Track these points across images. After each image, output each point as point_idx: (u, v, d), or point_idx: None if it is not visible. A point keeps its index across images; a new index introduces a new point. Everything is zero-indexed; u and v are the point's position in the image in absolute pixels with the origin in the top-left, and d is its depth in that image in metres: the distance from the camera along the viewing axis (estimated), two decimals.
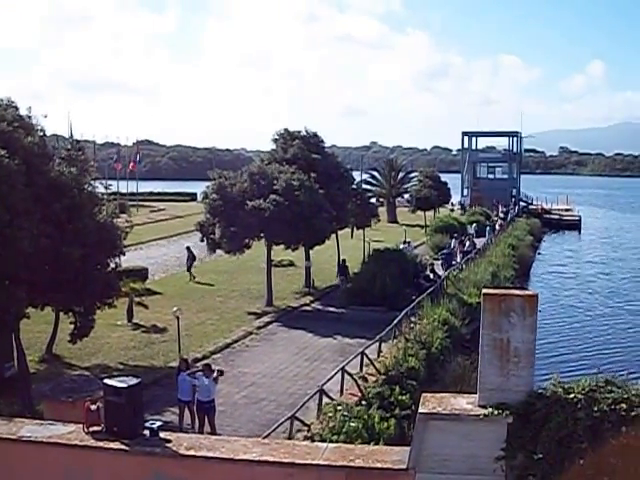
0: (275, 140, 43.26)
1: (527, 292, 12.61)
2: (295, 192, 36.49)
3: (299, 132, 43.33)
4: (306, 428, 20.02)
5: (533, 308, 11.90)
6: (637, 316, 46.61)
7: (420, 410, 11.86)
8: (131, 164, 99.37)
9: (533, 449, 11.84)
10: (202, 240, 39.30)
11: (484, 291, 12.45)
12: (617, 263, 70.76)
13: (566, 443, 11.80)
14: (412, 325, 30.74)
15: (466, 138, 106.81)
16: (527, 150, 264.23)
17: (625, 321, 45.38)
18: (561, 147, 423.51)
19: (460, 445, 11.70)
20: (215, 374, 20.95)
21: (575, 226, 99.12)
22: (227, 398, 23.18)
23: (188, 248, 45.80)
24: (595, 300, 51.58)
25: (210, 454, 11.89)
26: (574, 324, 43.92)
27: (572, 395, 12.01)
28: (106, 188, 29.51)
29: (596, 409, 11.85)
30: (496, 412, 11.79)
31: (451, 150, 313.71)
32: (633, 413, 11.89)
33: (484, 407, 11.83)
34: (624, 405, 11.93)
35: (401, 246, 50.06)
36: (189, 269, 44.84)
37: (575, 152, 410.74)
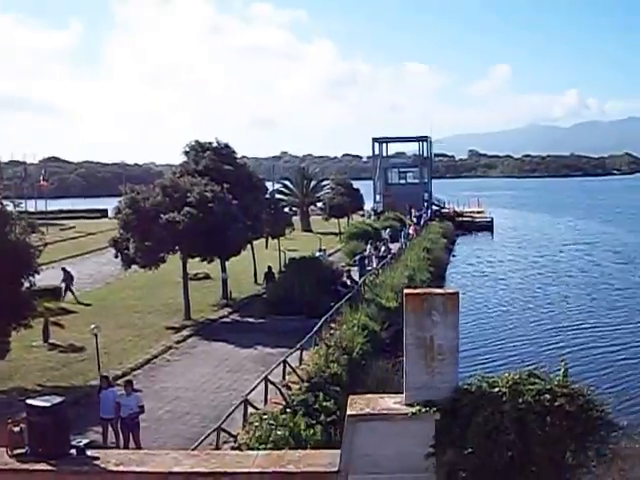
0: (186, 152, 42.94)
1: (448, 290, 12.77)
2: (209, 204, 36.21)
3: (210, 143, 43.07)
4: (233, 439, 19.86)
5: (455, 306, 12.04)
6: (549, 310, 47.71)
7: (348, 412, 11.88)
8: (42, 182, 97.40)
9: (462, 444, 11.96)
10: (116, 256, 38.64)
11: (406, 291, 12.55)
12: (528, 261, 72.34)
13: (494, 436, 11.96)
14: (332, 332, 30.82)
15: (376, 144, 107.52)
16: (437, 155, 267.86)
17: (538, 315, 46.39)
18: (470, 150, 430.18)
19: (390, 444, 11.75)
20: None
21: (487, 227, 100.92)
22: (151, 414, 22.80)
23: (64, 269, 44.37)
24: (511, 297, 52.64)
25: (140, 469, 11.70)
26: (492, 321, 44.71)
27: (497, 389, 12.18)
28: (15, 206, 28.88)
29: (521, 401, 12.04)
30: (423, 410, 11.87)
31: (362, 157, 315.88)
32: (556, 403, 12.13)
33: (411, 405, 11.90)
34: (548, 396, 12.15)
35: (317, 254, 50.14)
36: (67, 290, 43.03)
37: (484, 155, 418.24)
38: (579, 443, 12.56)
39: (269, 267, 44.65)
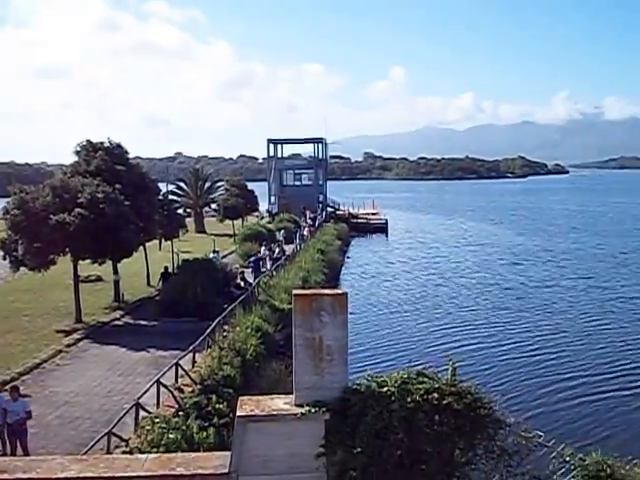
0: (77, 152, 42.05)
1: (337, 291, 12.88)
2: (100, 205, 35.60)
3: (102, 143, 42.26)
4: (124, 443, 19.57)
5: (343, 306, 12.14)
6: (439, 310, 48.56)
7: (238, 413, 11.87)
8: None
9: (352, 444, 12.07)
10: (4, 258, 37.67)
11: (295, 292, 12.61)
12: (421, 262, 73.54)
13: (383, 435, 12.10)
14: (225, 334, 30.67)
15: (272, 146, 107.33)
16: (333, 156, 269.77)
17: (428, 314, 47.18)
18: (366, 152, 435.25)
19: (280, 445, 11.77)
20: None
21: (382, 229, 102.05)
22: (39, 419, 22.30)
23: None
24: (403, 297, 53.31)
25: (26, 476, 11.40)
26: (383, 321, 45.25)
27: (386, 388, 12.34)
28: None
29: (409, 400, 12.22)
30: (313, 410, 11.94)
31: (257, 158, 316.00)
32: (444, 402, 12.35)
33: (301, 406, 11.96)
34: (435, 394, 12.36)
35: (210, 255, 49.86)
36: None
37: (380, 157, 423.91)
38: (467, 440, 12.81)
39: (165, 267, 44.23)
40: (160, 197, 47.82)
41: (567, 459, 13.90)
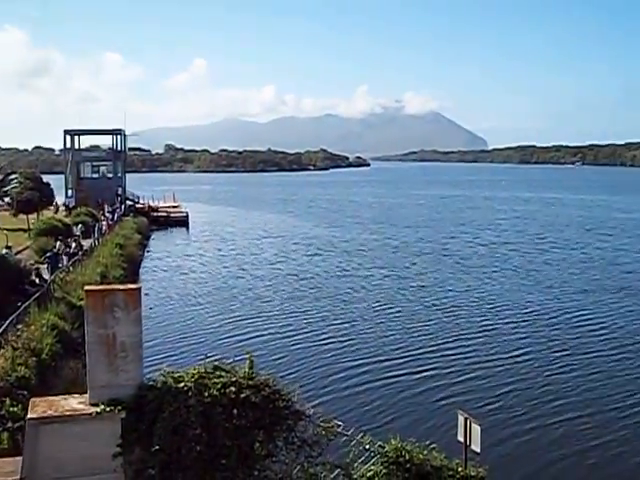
0: None
1: (129, 286, 12.66)
2: None
3: None
4: None
5: (136, 302, 11.96)
6: (238, 302, 48.63)
7: (29, 415, 11.48)
8: None
9: (149, 442, 11.93)
10: None
11: (86, 288, 12.32)
12: (221, 255, 73.69)
13: (180, 431, 12.02)
14: (19, 333, 29.51)
15: (68, 137, 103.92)
16: (133, 148, 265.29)
17: (227, 307, 46.98)
18: (167, 145, 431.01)
19: (75, 447, 11.48)
20: None
21: (183, 222, 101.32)
22: None
23: None
24: (202, 291, 53.02)
25: None
26: (183, 315, 44.76)
27: (182, 384, 12.26)
28: None
29: (207, 395, 12.20)
30: (107, 409, 11.71)
31: (54, 150, 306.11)
32: (242, 395, 12.40)
33: (96, 405, 11.70)
34: (233, 388, 12.40)
35: (3, 252, 47.81)
36: None
37: (181, 149, 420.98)
38: (267, 433, 12.92)
39: None
40: None
41: (367, 447, 14.27)
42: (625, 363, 34.92)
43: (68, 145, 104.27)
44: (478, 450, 16.21)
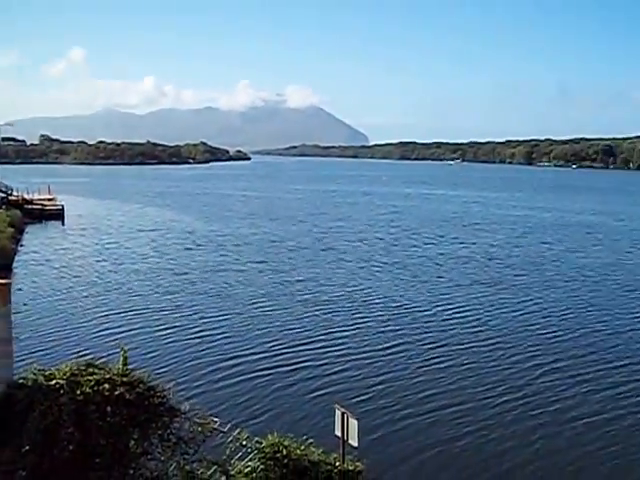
0: None
1: None
2: None
3: None
4: None
5: (5, 297, 11.74)
6: (114, 297, 47.86)
7: None
8: None
9: (20, 442, 11.67)
10: None
11: None
12: (97, 248, 72.67)
13: (52, 431, 11.80)
14: None
15: None
16: (6, 139, 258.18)
17: (103, 302, 46.13)
18: (42, 135, 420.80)
19: None
20: None
21: (58, 215, 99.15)
22: None
23: None
24: (76, 285, 51.91)
25: None
26: (56, 311, 43.71)
27: (54, 381, 12.04)
28: None
29: (79, 392, 12.00)
30: None
31: None
32: (116, 392, 12.27)
33: None
34: (107, 385, 12.24)
35: None
36: None
37: (57, 140, 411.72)
38: (142, 431, 12.82)
39: None
40: None
41: (244, 443, 14.32)
42: (497, 353, 35.93)
43: None
44: (356, 444, 16.44)
